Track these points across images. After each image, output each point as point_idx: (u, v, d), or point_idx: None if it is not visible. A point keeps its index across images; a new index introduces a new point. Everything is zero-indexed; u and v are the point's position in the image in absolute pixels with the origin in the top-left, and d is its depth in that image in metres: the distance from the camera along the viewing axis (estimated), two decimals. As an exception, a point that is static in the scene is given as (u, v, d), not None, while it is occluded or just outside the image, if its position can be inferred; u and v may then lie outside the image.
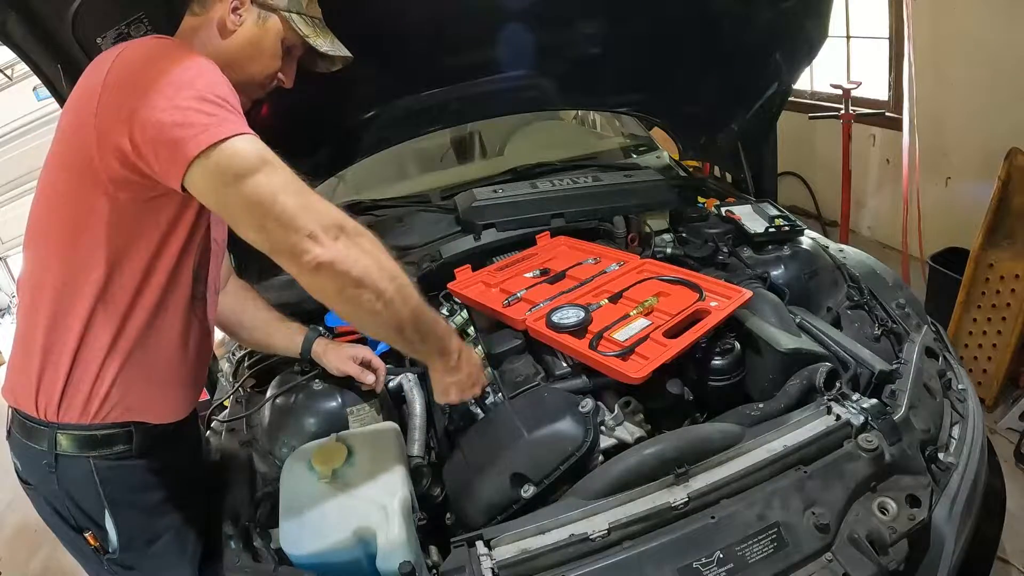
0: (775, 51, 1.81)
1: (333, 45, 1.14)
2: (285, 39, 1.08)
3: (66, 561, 2.21)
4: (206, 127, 0.85)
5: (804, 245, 1.70)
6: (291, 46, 1.10)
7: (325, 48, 1.12)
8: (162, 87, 0.86)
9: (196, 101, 0.86)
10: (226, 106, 0.88)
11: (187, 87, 0.86)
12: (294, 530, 1.03)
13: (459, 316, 1.65)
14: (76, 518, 1.04)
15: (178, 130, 0.84)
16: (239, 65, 1.05)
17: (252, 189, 0.86)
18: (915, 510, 1.01)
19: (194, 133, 0.84)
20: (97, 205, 0.93)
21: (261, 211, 0.87)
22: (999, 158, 2.33)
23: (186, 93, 0.86)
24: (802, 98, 3.81)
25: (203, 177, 0.86)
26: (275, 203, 0.86)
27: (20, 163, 4.27)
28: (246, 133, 0.88)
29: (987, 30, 2.69)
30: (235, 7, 1.03)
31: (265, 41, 1.06)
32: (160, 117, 0.85)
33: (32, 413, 1.02)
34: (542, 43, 1.75)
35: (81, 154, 0.91)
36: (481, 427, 1.26)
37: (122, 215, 0.94)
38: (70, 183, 0.95)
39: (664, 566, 0.94)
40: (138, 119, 0.86)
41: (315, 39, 1.10)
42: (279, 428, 1.29)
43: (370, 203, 2.06)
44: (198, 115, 0.85)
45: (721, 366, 1.30)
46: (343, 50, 1.17)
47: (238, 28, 1.04)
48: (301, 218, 0.87)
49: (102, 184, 0.91)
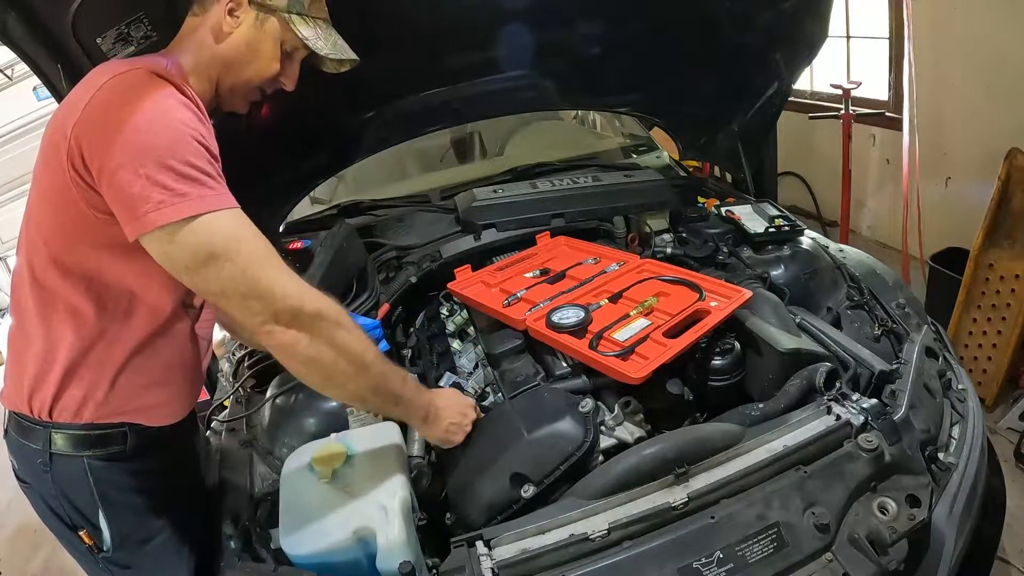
0: (775, 51, 1.81)
1: (336, 48, 1.11)
2: (284, 41, 1.05)
3: (66, 561, 2.21)
4: (160, 204, 0.84)
5: (804, 245, 1.70)
6: (292, 48, 1.07)
7: (326, 52, 1.08)
8: (128, 146, 0.84)
9: (156, 169, 0.84)
10: (189, 174, 0.86)
11: (151, 152, 0.84)
12: (294, 530, 1.02)
13: (459, 316, 1.65)
14: (71, 517, 1.04)
15: (133, 201, 0.84)
16: (236, 68, 1.04)
17: (201, 279, 0.89)
18: (915, 510, 1.01)
19: (146, 210, 0.84)
20: (80, 215, 0.92)
21: (211, 296, 0.92)
22: (999, 158, 2.32)
23: (150, 158, 0.84)
24: (802, 98, 3.81)
25: (155, 252, 0.88)
26: (224, 293, 0.90)
27: (20, 163, 4.27)
28: (202, 213, 0.86)
29: (987, 30, 2.69)
30: (231, 9, 1.00)
31: (263, 44, 1.04)
32: (120, 180, 0.84)
33: (27, 413, 1.02)
34: (542, 43, 1.75)
35: (59, 175, 0.90)
36: (481, 427, 1.26)
37: (103, 227, 0.93)
38: (55, 190, 0.93)
39: (664, 566, 0.94)
40: (104, 173, 0.86)
41: (316, 42, 1.07)
42: (279, 428, 1.29)
43: (370, 203, 2.07)
44: (154, 188, 0.83)
45: (721, 366, 1.30)
46: (347, 52, 1.13)
47: (234, 30, 1.01)
48: (254, 306, 0.90)
49: (80, 203, 0.91)
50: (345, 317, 0.99)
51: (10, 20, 1.12)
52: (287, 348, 0.94)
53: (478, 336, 1.54)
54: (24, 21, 1.13)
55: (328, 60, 1.12)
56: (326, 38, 1.09)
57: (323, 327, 0.94)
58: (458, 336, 1.62)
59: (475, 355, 1.50)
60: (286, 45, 1.06)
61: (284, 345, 0.93)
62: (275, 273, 0.92)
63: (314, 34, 1.07)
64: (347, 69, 1.17)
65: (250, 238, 0.91)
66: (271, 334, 0.92)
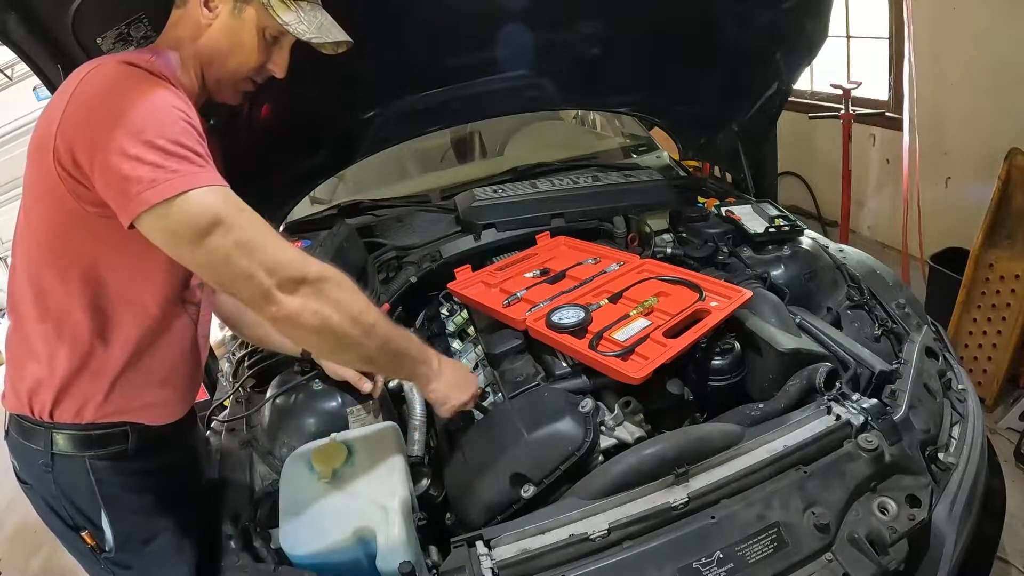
0: (775, 51, 1.81)
1: (321, 30, 1.04)
2: (266, 28, 1.01)
3: (66, 561, 2.21)
4: (153, 182, 0.82)
5: (804, 245, 1.70)
6: (276, 34, 1.03)
7: (310, 36, 1.02)
8: (114, 130, 0.83)
9: (145, 149, 0.82)
10: (178, 152, 0.84)
11: (138, 133, 0.83)
12: (294, 530, 1.02)
13: (459, 316, 1.65)
14: (73, 517, 1.04)
15: (126, 183, 0.82)
16: (218, 60, 1.02)
17: (203, 252, 0.86)
18: (915, 510, 1.01)
19: (139, 190, 0.82)
20: (71, 213, 0.91)
21: (213, 271, 0.89)
22: (999, 158, 2.33)
23: (138, 139, 0.83)
24: (802, 98, 3.81)
25: (152, 231, 0.86)
26: (228, 264, 0.87)
27: (20, 163, 4.18)
28: (195, 187, 0.84)
29: (987, 30, 2.69)
30: (206, 0, 0.98)
31: (242, 34, 1.00)
32: (110, 163, 0.83)
33: (28, 414, 1.02)
34: (542, 43, 1.75)
35: (48, 175, 0.89)
36: (481, 427, 1.26)
37: (96, 227, 0.92)
38: (45, 191, 0.92)
39: (664, 566, 0.94)
40: (95, 163, 0.84)
41: (298, 26, 1.01)
42: (279, 428, 1.29)
43: (370, 203, 2.07)
44: (145, 167, 0.82)
45: (721, 366, 1.30)
46: (335, 33, 1.07)
47: (213, 23, 0.99)
48: (257, 276, 0.88)
49: (71, 200, 0.90)
50: (346, 280, 0.98)
51: (10, 20, 1.12)
52: (294, 317, 0.92)
53: (478, 336, 1.54)
54: (24, 21, 1.13)
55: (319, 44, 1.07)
56: (310, 20, 1.03)
57: (327, 289, 0.94)
58: (458, 336, 1.62)
59: (475, 355, 1.50)
60: (268, 32, 1.02)
61: (291, 314, 0.91)
62: (276, 240, 0.92)
63: (295, 17, 1.01)
64: (343, 51, 1.11)
65: (247, 209, 0.90)
66: (277, 304, 0.90)
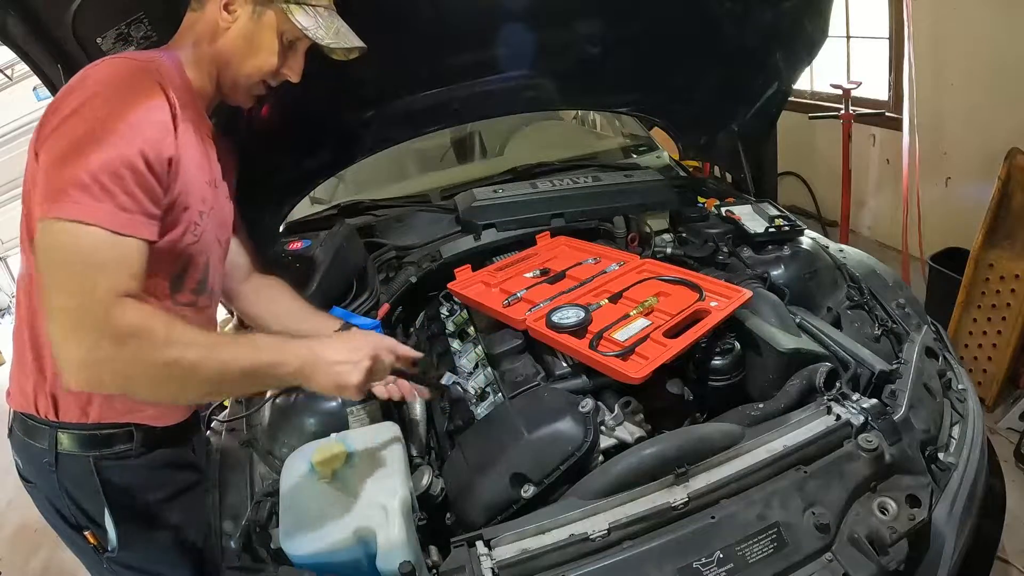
0: (775, 51, 1.81)
1: (338, 36, 1.06)
2: (284, 33, 1.03)
3: (66, 561, 2.22)
4: (56, 199, 0.81)
5: (804, 245, 1.70)
6: (293, 39, 1.05)
7: (328, 41, 1.04)
8: (70, 138, 0.83)
9: (78, 170, 0.81)
10: (96, 185, 0.81)
11: (85, 154, 0.82)
12: (294, 530, 1.02)
13: (459, 316, 1.65)
14: (76, 516, 1.04)
15: (44, 188, 0.83)
16: (235, 63, 1.02)
17: (45, 276, 0.82)
18: (915, 510, 1.01)
19: (42, 200, 0.82)
20: None
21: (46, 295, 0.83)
22: (999, 158, 2.33)
23: (80, 159, 0.82)
24: (802, 98, 3.81)
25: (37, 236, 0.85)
26: (50, 300, 0.81)
27: (20, 163, 4.20)
28: (83, 223, 0.80)
29: (987, 30, 2.69)
30: (227, 4, 0.98)
31: (261, 37, 1.01)
32: (48, 163, 0.83)
33: (33, 413, 1.02)
34: (542, 43, 1.75)
35: (32, 168, 0.90)
36: (481, 427, 1.26)
37: None
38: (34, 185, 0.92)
39: (664, 566, 0.94)
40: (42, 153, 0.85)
41: (316, 31, 1.03)
42: (279, 428, 1.29)
43: (370, 203, 2.07)
44: (64, 185, 0.81)
45: (721, 366, 1.30)
46: (351, 39, 1.09)
47: (231, 25, 1.00)
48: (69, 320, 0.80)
49: None
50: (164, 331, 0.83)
51: (10, 20, 1.12)
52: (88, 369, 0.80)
53: (478, 336, 1.54)
54: (24, 21, 1.13)
55: (334, 49, 1.08)
56: (327, 26, 1.05)
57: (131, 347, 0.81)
58: (458, 336, 1.62)
59: (475, 355, 1.50)
60: (286, 36, 1.03)
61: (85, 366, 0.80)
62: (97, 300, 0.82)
63: (314, 23, 1.03)
64: (357, 56, 1.12)
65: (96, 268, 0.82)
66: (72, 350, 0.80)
